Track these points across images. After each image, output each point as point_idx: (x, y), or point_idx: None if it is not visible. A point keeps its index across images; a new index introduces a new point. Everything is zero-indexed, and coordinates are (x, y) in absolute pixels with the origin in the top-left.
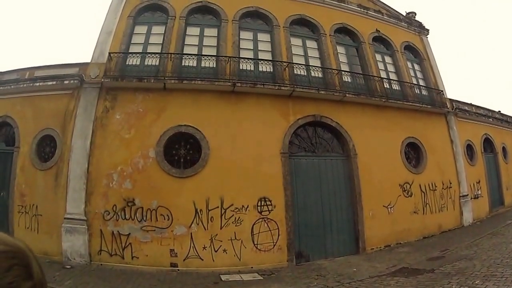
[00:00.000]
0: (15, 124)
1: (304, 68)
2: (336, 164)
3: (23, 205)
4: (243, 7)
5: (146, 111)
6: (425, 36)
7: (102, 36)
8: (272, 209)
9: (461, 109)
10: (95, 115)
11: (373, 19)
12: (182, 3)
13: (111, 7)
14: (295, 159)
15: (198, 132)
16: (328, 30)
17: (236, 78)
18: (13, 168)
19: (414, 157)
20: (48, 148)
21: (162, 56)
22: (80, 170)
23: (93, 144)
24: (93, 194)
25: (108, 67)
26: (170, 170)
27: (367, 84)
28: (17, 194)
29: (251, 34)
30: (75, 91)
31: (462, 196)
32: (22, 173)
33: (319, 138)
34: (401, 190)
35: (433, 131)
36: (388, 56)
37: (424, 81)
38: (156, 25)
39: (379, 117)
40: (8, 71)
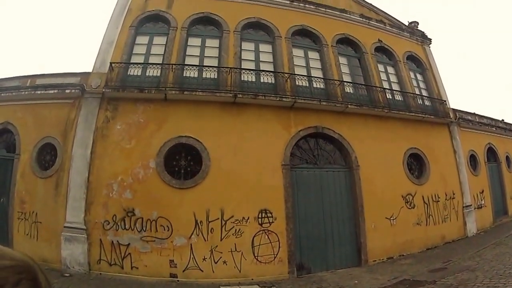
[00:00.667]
0: (16, 131)
1: (306, 79)
2: (338, 176)
3: (23, 211)
4: (245, 18)
5: (147, 122)
6: (428, 46)
7: (103, 46)
8: (273, 221)
9: (464, 119)
10: (96, 125)
11: (375, 29)
12: (184, 14)
13: (113, 17)
14: (297, 171)
15: (199, 143)
16: (330, 40)
17: (238, 89)
18: (13, 175)
19: (417, 168)
20: (49, 157)
21: (163, 67)
22: (80, 179)
23: (93, 154)
24: (93, 204)
25: (110, 77)
26: (171, 181)
27: (370, 95)
28: (17, 201)
29: (253, 45)
30: (76, 101)
31: (466, 207)
32: (22, 180)
33: (321, 149)
34: (404, 201)
35: (436, 141)
36: (391, 66)
37: (426, 91)
38: (157, 36)
39: (381, 128)
40: (9, 77)
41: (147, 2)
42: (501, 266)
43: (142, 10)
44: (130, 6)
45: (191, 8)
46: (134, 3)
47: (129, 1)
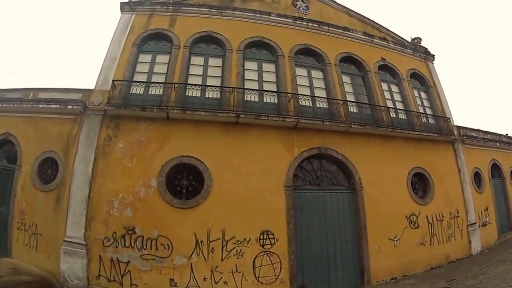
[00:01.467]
0: (17, 143)
1: (309, 99)
2: (342, 197)
3: (22, 222)
4: (248, 37)
5: (149, 141)
6: (431, 62)
7: (106, 63)
8: (274, 243)
9: (469, 136)
10: (97, 142)
11: (378, 47)
12: (187, 33)
13: (115, 34)
14: (300, 192)
15: (201, 163)
16: (333, 59)
17: (241, 109)
18: (14, 186)
19: (421, 188)
20: (50, 171)
21: (165, 86)
22: (81, 195)
23: (95, 171)
24: (93, 220)
25: (112, 95)
26: (172, 200)
27: (373, 114)
28: (17, 211)
29: (256, 64)
30: (78, 117)
31: (470, 225)
32: (23, 191)
33: (325, 171)
34: (408, 222)
35: (440, 160)
36: (395, 85)
37: (431, 109)
38: (160, 54)
39: (385, 148)
40: (11, 89)
41: (150, 20)
42: (504, 284)
43: (144, 28)
44: (133, 24)
45: (194, 26)
46: (137, 21)
47: (132, 19)
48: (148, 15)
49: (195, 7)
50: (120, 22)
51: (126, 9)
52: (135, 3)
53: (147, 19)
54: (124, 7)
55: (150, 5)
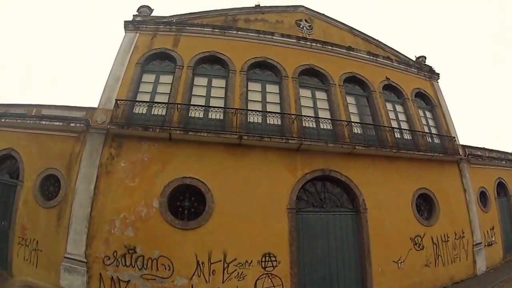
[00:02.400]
0: (20, 159)
1: (313, 120)
2: (345, 220)
3: (23, 237)
4: (251, 58)
5: (151, 161)
6: (436, 81)
7: (109, 82)
8: (276, 265)
9: (474, 155)
10: (100, 161)
11: (382, 66)
12: (190, 53)
13: (119, 53)
14: (303, 215)
15: (203, 185)
16: (337, 80)
17: (244, 131)
18: (16, 201)
19: (426, 209)
20: (52, 188)
21: (168, 106)
22: (83, 213)
23: (97, 189)
24: (94, 238)
25: (115, 114)
26: (173, 221)
27: (378, 134)
28: (18, 226)
29: (259, 85)
30: (81, 135)
31: (476, 245)
32: (25, 207)
33: (328, 193)
34: (412, 243)
35: (446, 180)
36: (399, 104)
37: (436, 128)
38: (163, 74)
39: (390, 169)
40: (15, 104)
41: (153, 40)
42: None
43: (148, 47)
44: (136, 43)
45: (197, 46)
46: (141, 40)
47: (135, 38)
48: (152, 35)
49: (199, 27)
50: (124, 41)
51: (130, 28)
52: (139, 22)
53: (151, 38)
54: (128, 26)
55: (154, 24)
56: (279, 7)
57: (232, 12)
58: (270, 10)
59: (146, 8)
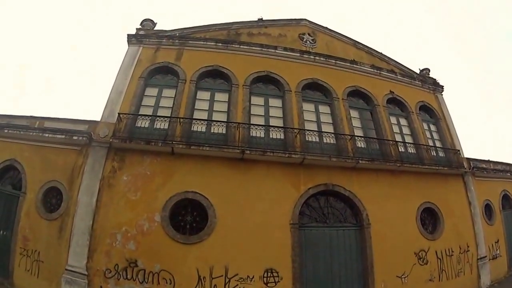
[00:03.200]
0: (23, 170)
1: (316, 134)
2: (349, 235)
3: (25, 248)
4: (254, 72)
5: (154, 175)
6: (440, 94)
7: (112, 96)
8: (278, 281)
9: (479, 168)
10: (102, 174)
11: (386, 79)
12: (193, 67)
13: (122, 67)
14: (306, 230)
15: (205, 199)
16: (340, 93)
17: (246, 145)
18: (18, 212)
19: (431, 223)
20: (54, 200)
21: (171, 120)
22: (84, 226)
23: (99, 202)
24: (96, 251)
25: (117, 128)
26: (175, 235)
27: (382, 148)
28: (20, 237)
29: (262, 100)
30: (83, 148)
31: (480, 259)
32: (27, 218)
33: (331, 208)
34: (416, 258)
35: (450, 194)
36: (403, 118)
37: (440, 141)
38: (166, 88)
39: (394, 183)
40: (18, 115)
41: (156, 54)
42: None
43: (151, 61)
44: (140, 57)
45: (200, 60)
46: (144, 53)
47: (139, 52)
48: (155, 48)
49: (202, 41)
50: (127, 54)
51: (133, 41)
52: (142, 36)
53: (154, 52)
54: (131, 40)
55: (157, 38)
56: (282, 21)
57: (235, 26)
58: (273, 24)
59: (149, 22)
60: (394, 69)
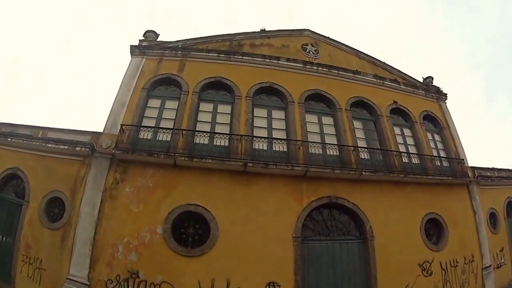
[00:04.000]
0: (26, 179)
1: (319, 146)
2: (352, 248)
3: (27, 255)
4: (257, 83)
5: (156, 187)
6: (444, 102)
7: (115, 107)
8: None
9: (483, 176)
10: (104, 186)
11: (390, 89)
12: (196, 78)
13: (125, 78)
14: (309, 243)
15: (208, 212)
16: (344, 104)
17: (249, 158)
18: (21, 220)
19: (435, 234)
20: (57, 210)
21: (174, 132)
22: (86, 236)
23: (101, 213)
24: (98, 262)
25: (120, 139)
26: (177, 248)
27: (385, 159)
28: (22, 244)
29: (265, 111)
30: (86, 159)
31: (485, 268)
32: (30, 226)
33: (335, 220)
34: (421, 269)
35: (455, 203)
36: (407, 128)
37: (444, 151)
38: (169, 100)
39: (397, 194)
40: (21, 125)
41: (159, 65)
42: None
43: (154, 72)
44: (142, 68)
45: (203, 72)
46: (147, 65)
47: (142, 63)
48: (157, 60)
49: (204, 52)
50: (130, 65)
51: (136, 52)
52: (145, 47)
53: (157, 63)
54: (134, 51)
55: (160, 49)
56: (285, 31)
57: (237, 37)
58: (276, 35)
59: (152, 33)
60: (398, 79)
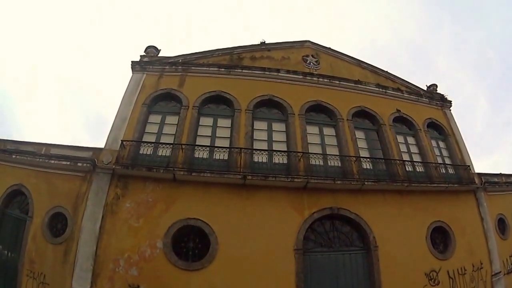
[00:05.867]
0: (30, 195)
1: (320, 157)
2: (355, 259)
3: (32, 270)
4: (257, 96)
5: (156, 202)
6: (448, 109)
7: (116, 123)
8: None
9: (490, 182)
10: (105, 201)
11: (392, 98)
12: (196, 93)
13: (126, 94)
14: (310, 255)
15: (207, 226)
16: (345, 114)
17: (249, 171)
18: (25, 235)
19: (442, 242)
20: (60, 225)
21: (174, 147)
22: (88, 251)
23: (102, 229)
24: (99, 276)
25: (121, 154)
26: (177, 262)
27: (388, 169)
28: (26, 259)
29: (266, 124)
30: (87, 174)
31: (494, 275)
32: (33, 242)
33: (337, 231)
34: (427, 279)
35: (462, 211)
36: (411, 136)
37: (450, 158)
38: (170, 115)
39: (402, 203)
40: (25, 142)
41: (160, 80)
42: None
43: (155, 88)
44: (143, 84)
45: (203, 86)
46: (147, 80)
47: (142, 79)
48: (158, 75)
49: (204, 67)
50: (131, 81)
51: (136, 68)
52: (146, 63)
53: (157, 79)
54: (135, 67)
55: (160, 65)
56: (285, 43)
57: (237, 51)
58: (276, 47)
59: (153, 49)
60: (400, 87)
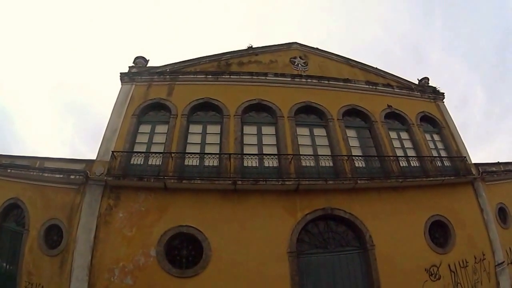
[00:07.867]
0: (25, 208)
1: (311, 158)
2: (352, 259)
3: (30, 282)
4: (245, 101)
5: (148, 210)
6: (441, 101)
7: (107, 134)
8: None
9: (488, 172)
10: (99, 212)
11: (383, 94)
12: (184, 101)
13: (116, 105)
14: (305, 257)
15: (200, 233)
16: (335, 114)
17: (239, 176)
18: (22, 247)
19: (441, 236)
20: (56, 237)
21: (164, 156)
22: (83, 262)
23: (96, 239)
24: (95, 286)
25: (112, 166)
26: (171, 269)
27: (382, 165)
28: (24, 271)
29: (255, 128)
30: (81, 187)
31: (498, 265)
32: (30, 254)
33: (332, 232)
34: (428, 274)
35: (460, 203)
36: (404, 131)
37: (445, 150)
38: (159, 124)
39: (397, 200)
40: (20, 156)
41: (149, 90)
42: None
43: (144, 98)
44: (132, 95)
45: (191, 94)
46: (136, 91)
47: (131, 90)
48: (147, 85)
49: (192, 75)
50: (120, 93)
51: (125, 80)
52: (134, 74)
53: (146, 89)
54: (124, 78)
55: (149, 75)
56: (273, 47)
57: (225, 57)
58: (264, 51)
59: (141, 59)
60: (391, 83)
